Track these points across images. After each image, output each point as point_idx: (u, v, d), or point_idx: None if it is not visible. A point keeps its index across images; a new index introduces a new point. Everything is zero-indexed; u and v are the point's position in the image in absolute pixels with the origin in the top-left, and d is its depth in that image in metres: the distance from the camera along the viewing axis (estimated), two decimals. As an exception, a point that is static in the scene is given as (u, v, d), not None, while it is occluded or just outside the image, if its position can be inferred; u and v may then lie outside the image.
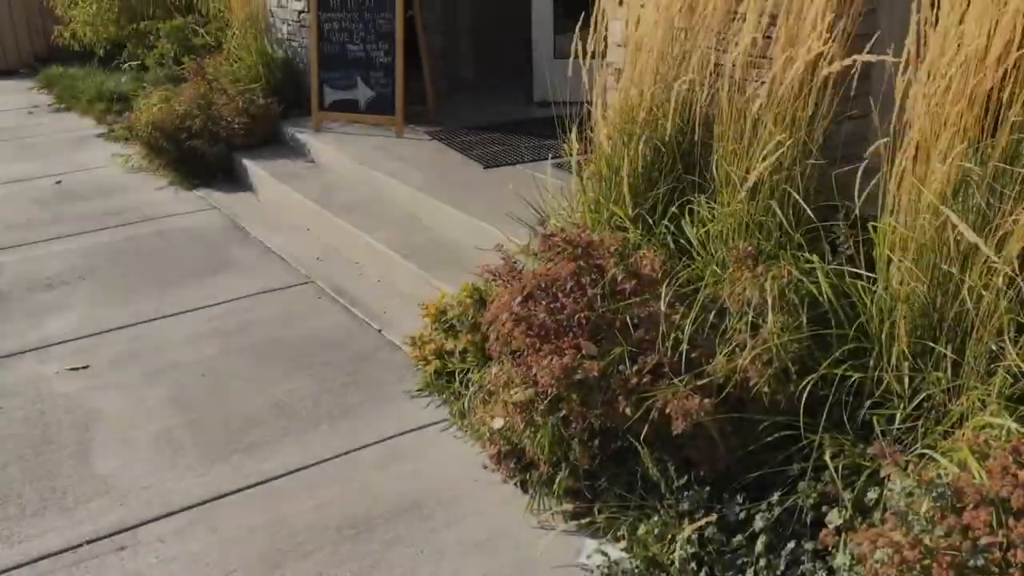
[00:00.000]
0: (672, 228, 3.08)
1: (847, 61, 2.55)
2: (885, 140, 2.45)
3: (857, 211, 2.54)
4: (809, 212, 2.69)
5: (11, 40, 9.60)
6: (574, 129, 3.48)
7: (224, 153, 5.85)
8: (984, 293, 2.24)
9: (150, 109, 5.99)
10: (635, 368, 2.58)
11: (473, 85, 6.94)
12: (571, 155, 3.48)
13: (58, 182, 5.96)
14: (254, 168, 5.70)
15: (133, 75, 7.75)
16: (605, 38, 3.45)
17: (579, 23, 3.29)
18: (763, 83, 2.85)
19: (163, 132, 5.82)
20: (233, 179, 5.88)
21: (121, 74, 7.87)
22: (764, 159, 2.67)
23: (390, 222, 4.71)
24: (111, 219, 5.28)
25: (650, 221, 3.17)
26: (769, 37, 2.91)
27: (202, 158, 5.80)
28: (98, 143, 6.84)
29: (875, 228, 2.52)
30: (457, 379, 3.32)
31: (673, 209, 3.13)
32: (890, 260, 2.45)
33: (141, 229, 5.14)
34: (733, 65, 2.94)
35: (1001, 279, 2.19)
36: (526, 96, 6.30)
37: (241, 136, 5.87)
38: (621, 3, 3.42)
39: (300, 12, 6.24)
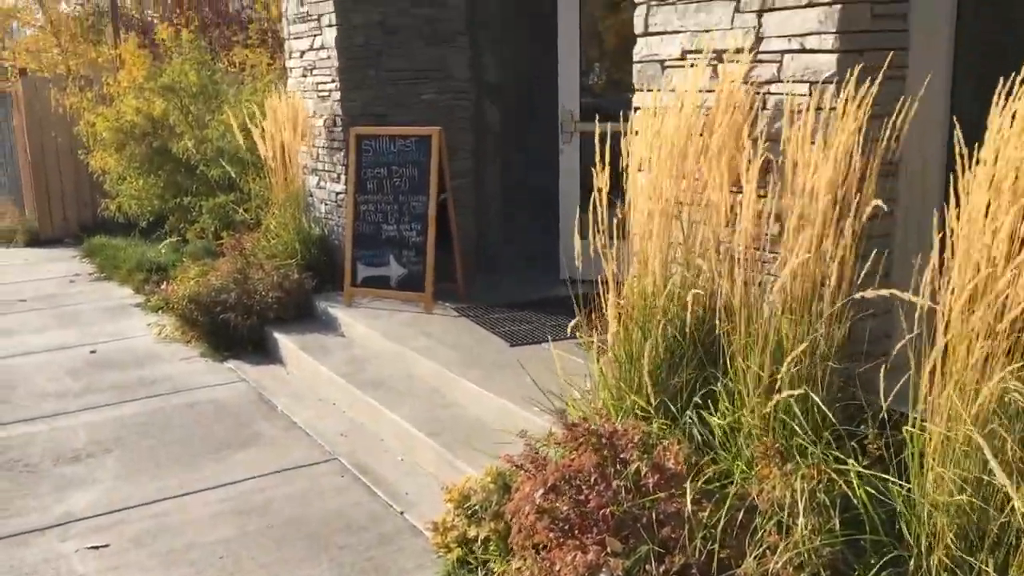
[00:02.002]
0: (696, 419, 3.08)
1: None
2: (910, 337, 2.48)
3: (885, 411, 2.54)
4: (831, 414, 2.69)
5: (59, 211, 10.09)
6: (592, 313, 3.53)
7: (256, 326, 5.98)
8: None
9: (187, 282, 6.19)
10: (662, 568, 2.52)
11: (501, 261, 7.12)
12: (591, 338, 3.53)
13: (93, 351, 6.10)
14: (285, 341, 5.81)
15: (173, 247, 8.06)
16: (623, 222, 3.56)
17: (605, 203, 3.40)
18: (775, 277, 2.92)
19: (198, 305, 5.99)
20: (264, 351, 5.99)
21: (162, 246, 8.18)
22: (784, 365, 2.69)
23: (416, 399, 4.74)
24: (142, 390, 5.36)
25: (673, 410, 3.18)
26: (780, 233, 3.00)
27: (235, 330, 5.93)
28: (135, 312, 7.03)
29: (907, 430, 2.50)
30: (479, 570, 3.25)
31: (696, 399, 3.14)
32: (923, 464, 2.42)
33: (170, 401, 5.20)
34: (741, 258, 3.01)
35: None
36: (552, 273, 6.45)
37: (274, 310, 6.02)
38: (649, 196, 3.55)
39: (338, 193, 6.52)
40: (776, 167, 2.91)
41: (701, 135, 3.19)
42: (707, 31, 3.34)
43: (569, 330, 3.44)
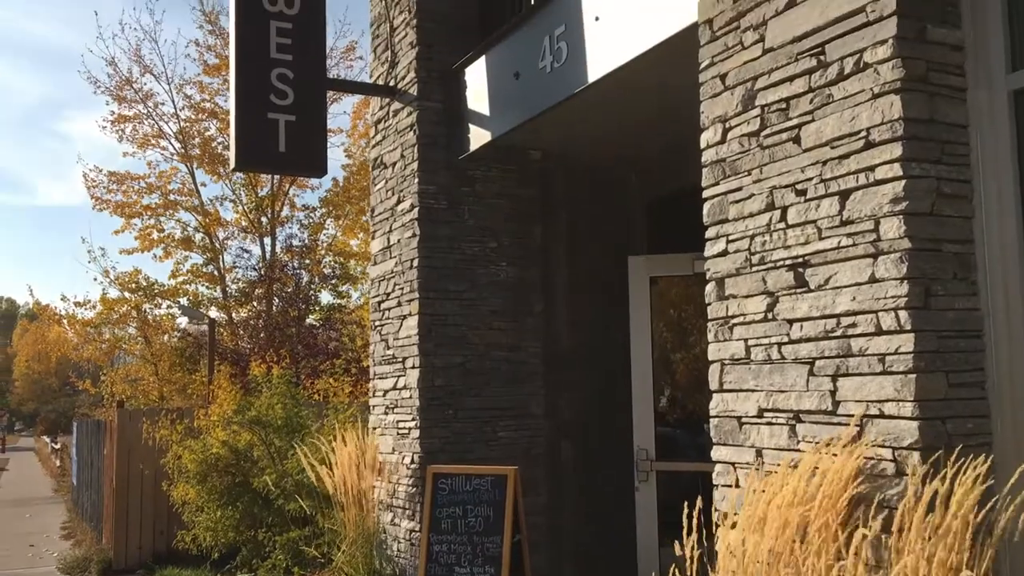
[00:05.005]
0: None
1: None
2: None
3: None
4: None
5: (135, 541, 10.15)
6: None
7: (320, 676, 5.70)
8: None
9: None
10: None
11: (577, 604, 6.80)
12: None
13: None
14: None
15: (242, 583, 7.94)
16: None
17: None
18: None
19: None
20: None
21: (231, 580, 8.08)
22: None
23: None
24: None
25: None
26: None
27: None
28: (197, 656, 6.79)
29: None
30: None
31: None
32: None
33: None
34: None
35: None
36: (633, 619, 6.11)
37: (339, 658, 5.76)
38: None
39: (412, 531, 6.46)
40: (868, 535, 2.81)
41: (794, 500, 3.12)
42: (782, 391, 3.40)
43: None
